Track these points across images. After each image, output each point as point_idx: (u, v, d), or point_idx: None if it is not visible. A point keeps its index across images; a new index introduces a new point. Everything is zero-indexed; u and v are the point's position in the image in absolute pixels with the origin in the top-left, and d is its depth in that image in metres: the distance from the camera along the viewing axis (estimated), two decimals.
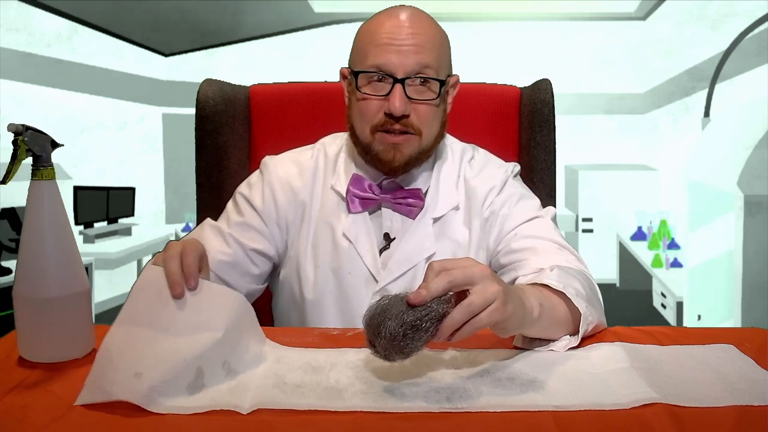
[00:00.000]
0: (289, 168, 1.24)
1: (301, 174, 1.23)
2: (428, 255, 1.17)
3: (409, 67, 1.10)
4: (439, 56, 1.13)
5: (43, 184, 0.85)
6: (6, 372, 0.83)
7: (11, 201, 3.49)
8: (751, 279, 3.08)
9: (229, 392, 0.77)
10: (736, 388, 0.79)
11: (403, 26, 1.11)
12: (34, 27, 4.55)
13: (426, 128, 1.14)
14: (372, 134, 1.14)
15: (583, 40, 5.29)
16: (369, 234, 1.18)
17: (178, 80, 5.33)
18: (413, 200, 1.18)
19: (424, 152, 1.16)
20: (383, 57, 1.10)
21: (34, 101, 4.47)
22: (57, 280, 0.85)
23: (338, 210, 1.20)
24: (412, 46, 1.10)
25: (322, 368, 0.84)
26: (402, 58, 1.09)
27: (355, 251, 1.17)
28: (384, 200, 1.18)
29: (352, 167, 1.22)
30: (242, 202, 1.23)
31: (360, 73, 1.12)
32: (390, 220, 1.19)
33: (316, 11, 5.19)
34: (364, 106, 1.13)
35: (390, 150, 1.13)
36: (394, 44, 1.10)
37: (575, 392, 0.78)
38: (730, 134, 3.68)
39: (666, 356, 0.89)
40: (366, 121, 1.13)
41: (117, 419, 0.72)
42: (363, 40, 1.14)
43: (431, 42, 1.12)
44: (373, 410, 0.73)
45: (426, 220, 1.18)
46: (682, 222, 4.05)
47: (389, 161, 1.14)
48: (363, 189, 1.18)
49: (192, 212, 5.21)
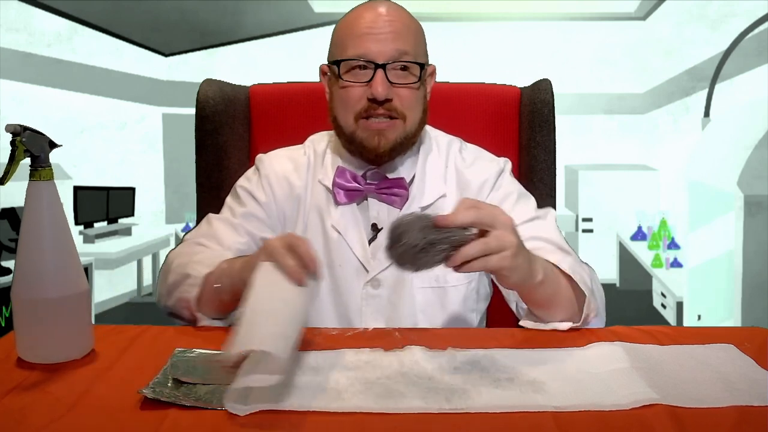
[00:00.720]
0: (285, 163, 1.26)
1: (296, 169, 1.25)
2: None
3: (388, 53, 1.13)
4: (416, 43, 1.17)
5: (42, 184, 0.85)
6: (5, 373, 0.83)
7: (11, 201, 3.49)
8: (751, 279, 3.07)
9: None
10: (736, 388, 0.79)
11: (380, 16, 1.15)
12: (34, 27, 4.55)
13: (409, 112, 1.16)
14: (355, 122, 1.16)
15: (583, 40, 5.29)
16: (357, 225, 1.20)
17: (178, 80, 5.33)
18: (397, 189, 1.20)
19: (408, 138, 1.18)
20: (363, 46, 1.13)
21: (34, 101, 4.46)
22: (55, 281, 0.85)
23: (327, 203, 1.22)
24: (390, 33, 1.14)
25: (321, 369, 0.84)
26: (381, 46, 1.13)
27: (344, 243, 1.19)
28: (369, 191, 1.20)
29: (338, 160, 1.23)
30: (244, 195, 1.24)
31: (342, 61, 1.15)
32: (377, 210, 1.21)
33: (316, 11, 5.19)
34: (346, 94, 1.16)
35: (374, 136, 1.15)
36: (373, 33, 1.14)
37: (575, 392, 0.78)
38: (730, 134, 3.68)
39: (666, 356, 0.88)
40: (349, 109, 1.16)
41: (117, 420, 0.71)
42: (342, 32, 1.18)
43: (407, 29, 1.16)
44: (372, 411, 0.73)
45: (412, 209, 1.20)
46: (682, 222, 4.05)
47: (374, 148, 1.16)
48: (348, 180, 1.20)
49: (192, 212, 5.19)
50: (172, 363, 0.83)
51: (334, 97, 1.19)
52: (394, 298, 1.18)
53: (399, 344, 0.91)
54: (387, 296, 1.18)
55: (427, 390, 0.78)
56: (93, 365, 0.85)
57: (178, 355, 0.86)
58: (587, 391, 0.78)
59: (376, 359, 0.86)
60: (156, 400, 0.74)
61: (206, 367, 0.83)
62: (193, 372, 0.81)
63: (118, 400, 0.75)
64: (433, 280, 1.19)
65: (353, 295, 1.18)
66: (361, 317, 1.18)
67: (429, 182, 1.22)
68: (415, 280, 1.18)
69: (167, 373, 0.81)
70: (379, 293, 1.18)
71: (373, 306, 1.18)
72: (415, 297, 1.18)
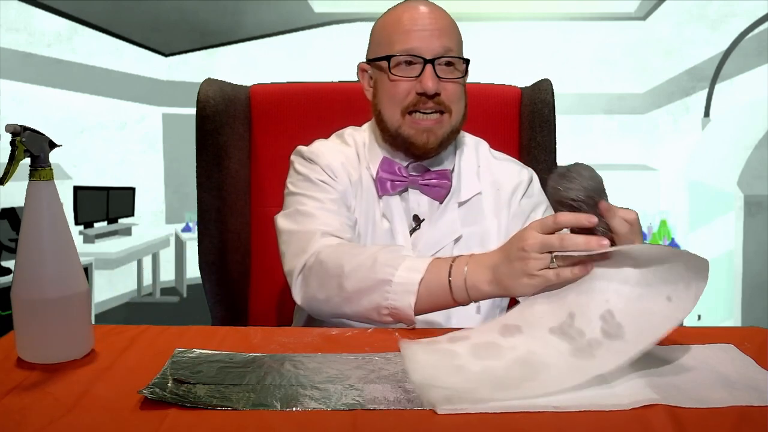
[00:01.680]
0: (338, 156, 1.26)
1: (349, 161, 1.26)
2: (455, 237, 1.22)
3: (435, 49, 1.17)
4: (458, 40, 1.22)
5: (41, 184, 0.85)
6: (4, 373, 0.83)
7: (11, 201, 3.49)
8: (751, 279, 3.08)
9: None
10: (736, 388, 0.79)
11: (424, 14, 1.19)
12: (34, 27, 4.55)
13: (455, 106, 1.20)
14: (402, 117, 1.19)
15: (583, 40, 5.29)
16: (401, 215, 1.23)
17: (178, 80, 5.33)
18: (441, 181, 1.22)
19: (454, 131, 1.22)
20: (411, 42, 1.18)
21: (34, 101, 4.46)
22: (55, 282, 0.85)
23: (372, 193, 1.24)
24: (435, 30, 1.18)
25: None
26: (428, 42, 1.17)
27: (391, 232, 1.22)
28: (413, 182, 1.23)
29: (381, 152, 1.26)
30: (321, 184, 1.21)
31: (392, 57, 1.18)
32: (417, 202, 1.23)
33: (316, 11, 5.19)
34: (394, 89, 1.19)
35: (423, 133, 1.19)
36: (419, 29, 1.18)
37: (575, 392, 0.78)
38: (730, 134, 3.68)
39: (666, 356, 0.88)
40: (397, 104, 1.19)
41: (117, 420, 0.71)
42: (386, 30, 1.21)
43: (450, 26, 1.21)
44: (371, 409, 0.73)
45: (452, 204, 1.23)
46: (682, 222, 4.05)
47: (423, 144, 1.19)
48: (392, 172, 1.23)
49: (192, 212, 5.21)
50: (172, 363, 0.83)
51: (380, 92, 1.22)
52: None
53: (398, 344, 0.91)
54: None
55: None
56: (93, 365, 0.85)
57: (179, 355, 0.86)
58: (587, 391, 0.78)
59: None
60: (156, 401, 0.73)
61: (206, 367, 0.83)
62: (193, 372, 0.81)
63: (118, 400, 0.75)
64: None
65: None
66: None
67: (465, 177, 1.26)
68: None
69: (167, 373, 0.81)
70: None
71: None
72: None
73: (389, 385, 0.79)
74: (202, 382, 0.79)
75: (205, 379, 0.79)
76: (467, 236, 1.22)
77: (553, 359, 0.83)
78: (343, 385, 0.79)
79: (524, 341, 0.87)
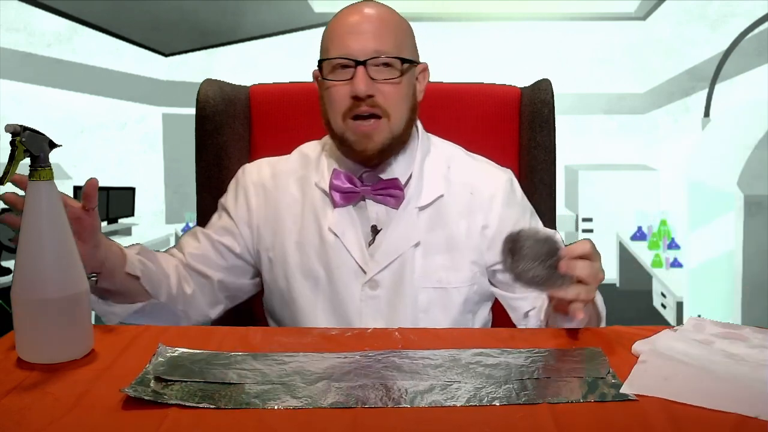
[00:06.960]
0: (264, 171, 1.28)
1: (274, 176, 1.27)
2: (414, 243, 1.19)
3: (368, 50, 1.13)
4: (399, 40, 1.17)
5: (41, 184, 0.84)
6: (4, 373, 0.83)
7: None
8: (751, 279, 3.07)
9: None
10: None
11: (363, 15, 1.16)
12: (34, 27, 4.55)
13: (393, 109, 1.15)
14: (344, 122, 1.16)
15: (583, 40, 5.29)
16: (355, 227, 1.20)
17: (178, 80, 5.33)
18: (392, 190, 1.20)
19: (397, 138, 1.18)
20: (343, 45, 1.14)
21: (33, 101, 4.47)
22: (55, 281, 0.85)
23: (324, 206, 1.22)
24: (369, 31, 1.15)
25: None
26: (362, 44, 1.14)
27: (341, 245, 1.19)
28: (365, 192, 1.20)
29: (333, 164, 1.24)
30: (220, 209, 1.30)
31: (323, 61, 1.17)
32: (375, 212, 1.21)
33: (316, 11, 5.20)
34: (330, 95, 1.16)
35: (362, 139, 1.15)
36: (354, 32, 1.15)
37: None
38: (730, 134, 3.68)
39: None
40: (336, 109, 1.16)
41: (117, 420, 0.71)
42: (325, 35, 1.19)
43: (388, 27, 1.17)
44: (371, 407, 0.73)
45: (410, 209, 1.20)
46: (682, 222, 4.05)
47: (363, 150, 1.16)
48: (344, 182, 1.20)
49: (192, 212, 5.19)
50: (155, 361, 0.84)
51: (323, 99, 1.20)
52: (393, 299, 1.18)
53: (398, 344, 0.91)
54: (386, 297, 1.18)
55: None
56: (93, 365, 0.85)
57: (161, 353, 0.86)
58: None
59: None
60: (138, 399, 0.74)
61: (189, 366, 0.83)
62: (175, 370, 0.81)
63: (118, 400, 0.75)
64: (435, 281, 1.19)
65: (352, 297, 1.18)
66: (361, 318, 1.18)
67: (427, 182, 1.22)
68: (417, 280, 1.18)
69: (149, 371, 0.81)
70: (377, 294, 1.18)
71: (372, 307, 1.18)
72: (417, 297, 1.18)
73: (389, 384, 0.79)
74: (184, 380, 0.79)
75: (187, 378, 0.80)
76: (429, 241, 1.19)
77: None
78: (339, 383, 0.79)
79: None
